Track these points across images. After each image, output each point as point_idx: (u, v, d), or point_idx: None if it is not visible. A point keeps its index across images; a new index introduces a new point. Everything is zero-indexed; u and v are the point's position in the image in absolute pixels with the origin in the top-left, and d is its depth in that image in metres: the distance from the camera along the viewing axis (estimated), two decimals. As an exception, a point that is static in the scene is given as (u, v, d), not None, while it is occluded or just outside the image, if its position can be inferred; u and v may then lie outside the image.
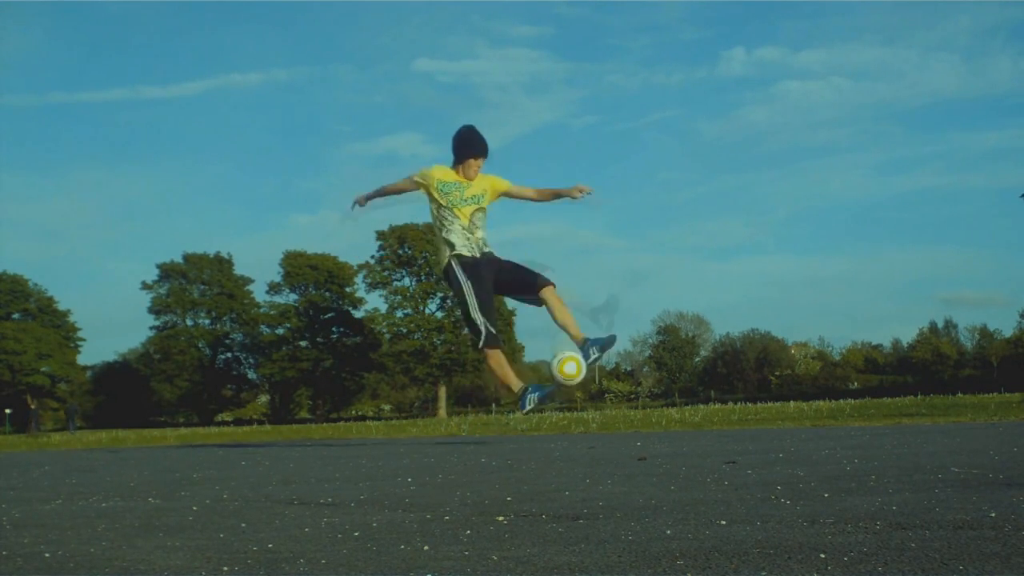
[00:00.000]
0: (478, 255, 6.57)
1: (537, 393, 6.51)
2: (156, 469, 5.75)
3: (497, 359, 6.55)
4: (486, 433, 10.76)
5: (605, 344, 6.50)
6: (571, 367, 6.28)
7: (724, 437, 6.94)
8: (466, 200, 6.69)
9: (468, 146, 6.71)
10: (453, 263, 6.50)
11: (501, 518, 2.42)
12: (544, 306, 6.59)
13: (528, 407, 6.54)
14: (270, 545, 2.10)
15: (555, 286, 6.60)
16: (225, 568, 1.82)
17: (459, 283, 6.47)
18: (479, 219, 6.76)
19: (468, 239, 6.60)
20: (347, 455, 6.50)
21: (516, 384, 6.61)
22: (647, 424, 11.03)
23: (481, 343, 6.43)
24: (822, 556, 1.64)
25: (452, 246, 6.57)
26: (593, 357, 6.45)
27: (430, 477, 3.99)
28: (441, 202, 6.66)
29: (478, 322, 6.38)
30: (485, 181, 6.80)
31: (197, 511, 2.95)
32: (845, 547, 1.72)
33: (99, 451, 10.66)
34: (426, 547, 1.97)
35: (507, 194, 6.88)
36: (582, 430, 10.13)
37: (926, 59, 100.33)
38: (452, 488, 3.39)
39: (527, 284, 6.60)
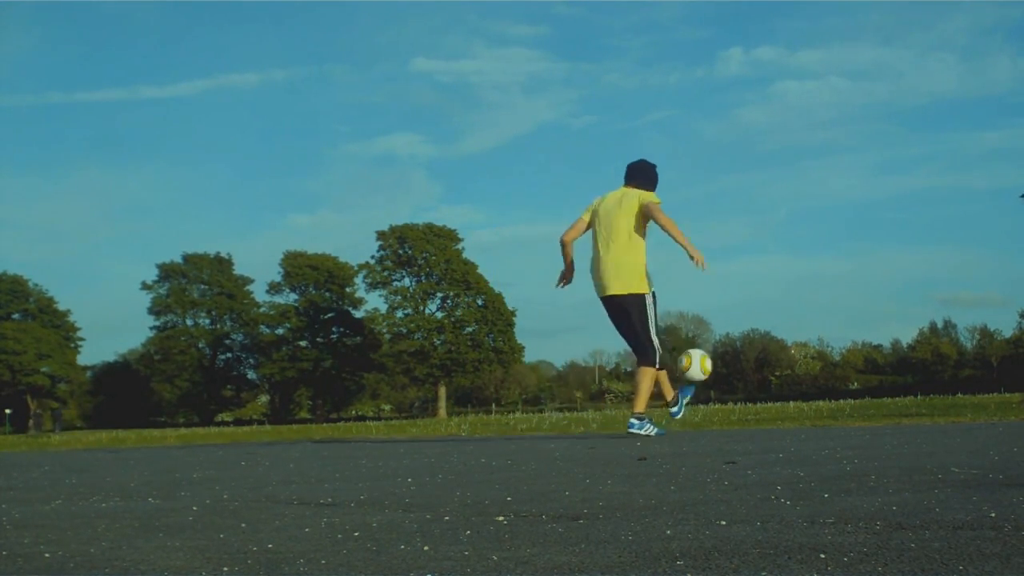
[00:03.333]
0: None
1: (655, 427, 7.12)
2: (156, 469, 5.75)
3: (654, 378, 7.10)
4: (486, 433, 10.75)
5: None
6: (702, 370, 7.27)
7: (724, 437, 6.94)
8: None
9: (657, 182, 7.27)
10: (649, 297, 6.99)
11: (501, 518, 2.42)
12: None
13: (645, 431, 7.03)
14: (270, 545, 2.10)
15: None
16: (225, 568, 1.82)
17: (652, 312, 7.02)
18: None
19: None
20: (347, 455, 6.50)
21: (642, 407, 7.17)
22: (647, 424, 11.02)
23: (656, 361, 7.03)
24: (822, 556, 1.64)
25: (651, 279, 7.05)
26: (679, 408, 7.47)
27: (430, 477, 3.99)
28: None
29: (656, 343, 7.00)
30: None
31: (197, 511, 2.95)
32: (845, 547, 1.72)
33: (99, 451, 10.65)
34: (426, 547, 1.97)
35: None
36: (582, 430, 10.13)
37: (924, 59, 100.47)
38: (452, 488, 3.39)
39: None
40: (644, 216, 6.85)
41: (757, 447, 5.26)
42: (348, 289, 69.43)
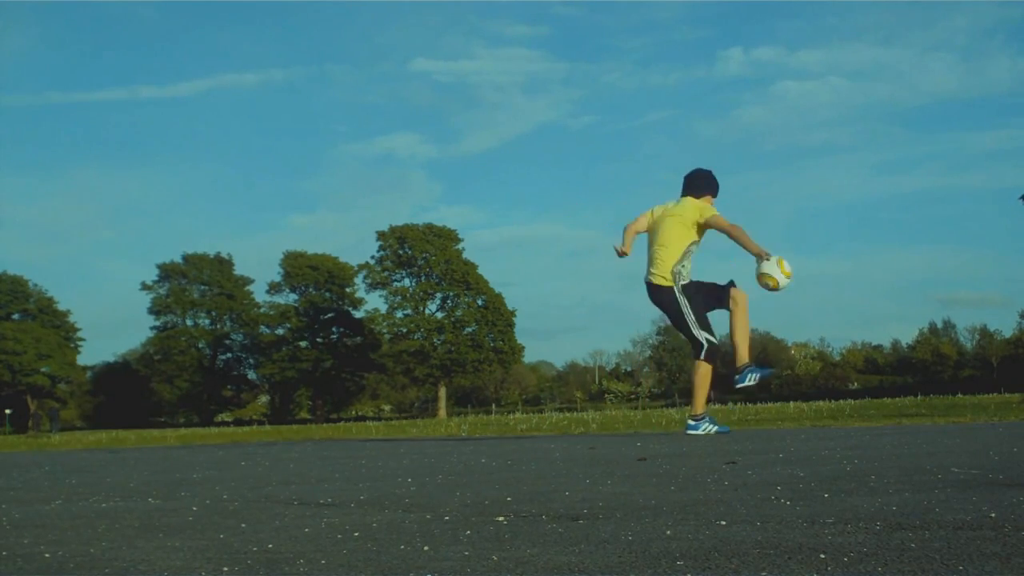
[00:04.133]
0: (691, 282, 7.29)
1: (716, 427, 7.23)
2: (156, 469, 5.75)
3: (705, 374, 7.18)
4: (486, 433, 10.75)
5: (764, 376, 7.32)
6: (781, 272, 7.00)
7: (724, 437, 6.94)
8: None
9: (717, 187, 7.46)
10: (677, 291, 7.15)
11: (501, 518, 2.42)
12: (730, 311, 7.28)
13: (700, 431, 7.18)
14: (270, 545, 2.10)
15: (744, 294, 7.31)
16: (225, 568, 1.82)
17: (686, 306, 7.16)
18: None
19: (689, 270, 7.33)
20: (347, 455, 6.51)
21: (700, 408, 7.29)
22: (647, 424, 11.03)
23: (703, 355, 7.12)
24: (822, 556, 1.64)
25: (683, 275, 7.23)
26: (748, 382, 7.23)
27: (430, 477, 3.99)
28: (699, 238, 7.30)
29: (700, 338, 7.08)
30: None
31: (197, 511, 2.95)
32: (845, 547, 1.72)
33: (98, 452, 10.65)
34: (426, 547, 1.97)
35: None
36: (582, 430, 10.13)
37: (924, 59, 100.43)
38: (452, 488, 3.39)
39: (720, 294, 7.28)
40: (703, 225, 7.22)
41: (757, 447, 5.27)
42: (348, 289, 69.46)
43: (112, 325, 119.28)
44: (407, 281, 66.05)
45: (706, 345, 7.08)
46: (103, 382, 73.47)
